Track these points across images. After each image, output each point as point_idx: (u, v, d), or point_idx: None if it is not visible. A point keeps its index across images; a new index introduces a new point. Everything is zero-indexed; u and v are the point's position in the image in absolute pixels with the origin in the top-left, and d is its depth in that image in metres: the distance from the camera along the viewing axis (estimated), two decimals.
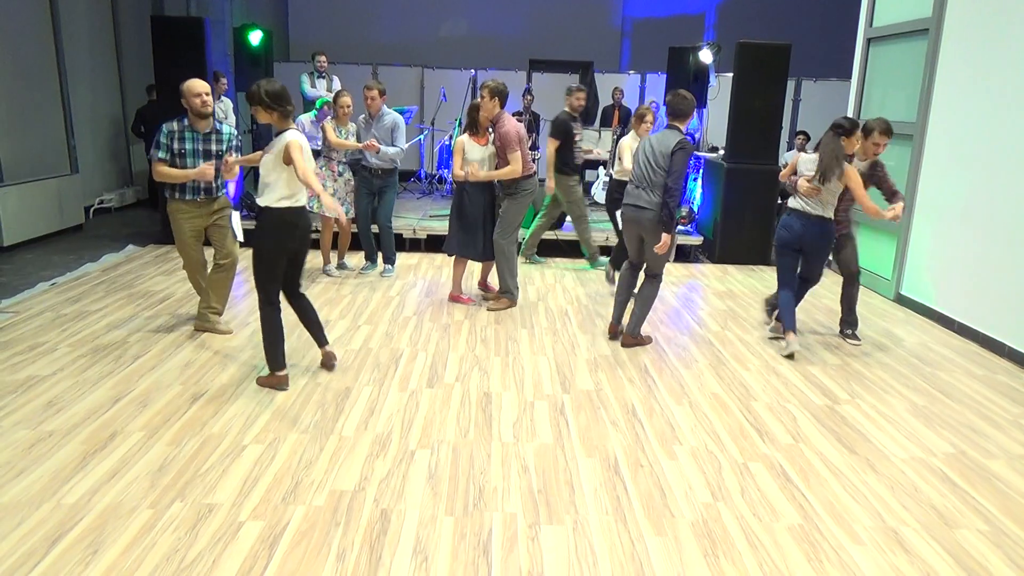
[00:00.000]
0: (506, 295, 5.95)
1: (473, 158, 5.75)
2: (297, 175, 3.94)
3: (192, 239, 4.98)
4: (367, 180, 6.66)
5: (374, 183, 6.66)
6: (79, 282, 6.29)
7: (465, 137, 5.80)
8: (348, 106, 6.52)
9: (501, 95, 5.56)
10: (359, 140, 6.58)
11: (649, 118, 6.48)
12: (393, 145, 6.57)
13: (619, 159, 6.60)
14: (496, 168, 5.74)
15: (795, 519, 3.11)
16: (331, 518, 2.97)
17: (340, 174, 6.64)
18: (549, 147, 6.92)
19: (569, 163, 7.00)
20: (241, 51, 9.43)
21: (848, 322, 5.55)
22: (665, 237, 4.86)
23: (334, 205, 4.09)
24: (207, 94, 4.78)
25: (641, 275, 5.26)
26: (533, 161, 6.43)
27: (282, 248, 4.09)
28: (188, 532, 2.84)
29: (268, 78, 4.41)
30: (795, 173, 5.11)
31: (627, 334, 5.18)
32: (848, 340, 5.48)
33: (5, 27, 7.64)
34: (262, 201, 4.02)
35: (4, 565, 2.62)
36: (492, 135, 5.76)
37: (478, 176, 5.64)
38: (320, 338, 4.48)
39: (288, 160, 3.92)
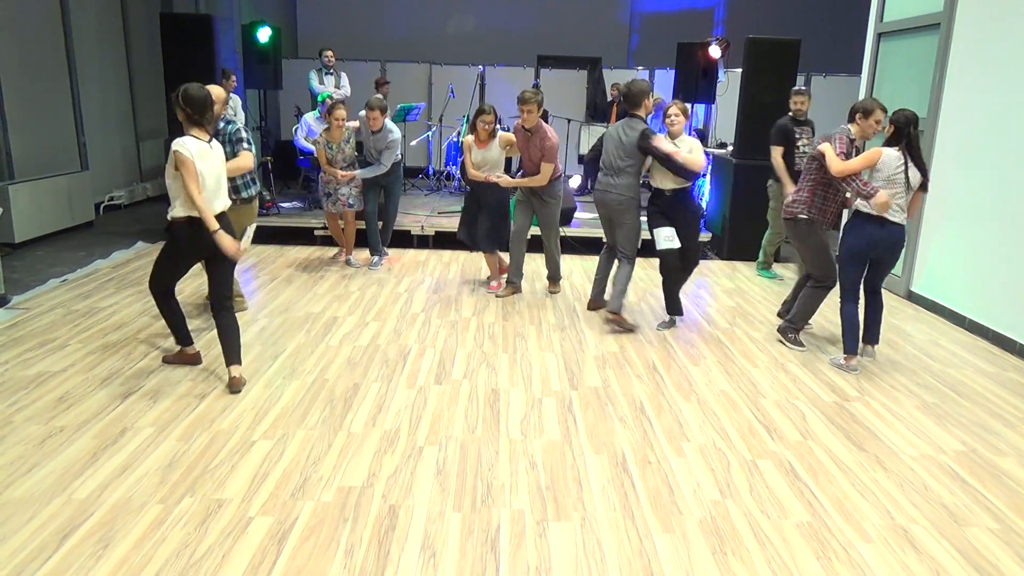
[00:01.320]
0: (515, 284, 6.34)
1: (475, 160, 5.95)
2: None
3: None
4: (374, 178, 6.75)
5: (380, 179, 6.77)
6: (89, 279, 6.32)
7: (471, 139, 6.00)
8: (342, 119, 6.51)
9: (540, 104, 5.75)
10: (361, 147, 6.74)
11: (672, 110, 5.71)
12: (379, 162, 6.69)
13: None
14: (522, 175, 6.01)
15: (804, 516, 3.10)
16: (339, 514, 2.99)
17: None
18: (774, 154, 6.55)
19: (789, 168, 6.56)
20: (250, 48, 9.44)
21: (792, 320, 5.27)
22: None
23: (227, 241, 3.97)
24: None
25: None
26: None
27: (184, 258, 4.18)
28: (198, 527, 2.86)
29: (200, 85, 4.06)
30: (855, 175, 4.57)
31: (610, 309, 5.43)
32: (789, 344, 5.22)
33: (16, 25, 7.68)
34: (169, 214, 3.98)
35: (16, 559, 2.64)
36: (494, 140, 5.98)
37: (509, 183, 5.91)
38: (230, 357, 4.17)
39: (177, 167, 3.86)
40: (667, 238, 5.26)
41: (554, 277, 6.45)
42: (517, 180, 5.93)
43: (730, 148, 8.82)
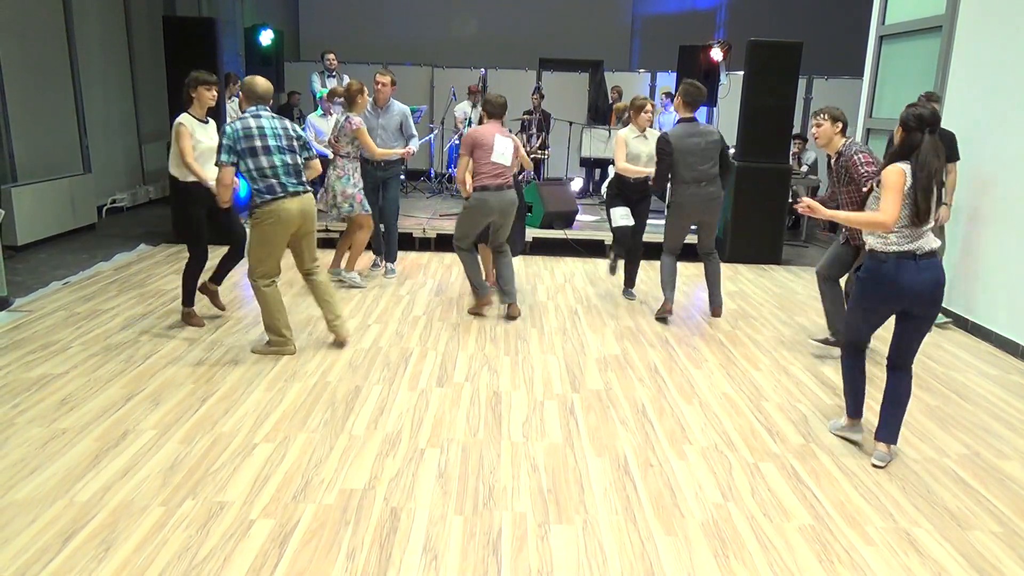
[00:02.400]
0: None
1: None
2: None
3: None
4: (370, 172, 6.31)
5: (377, 175, 6.36)
6: (92, 281, 6.33)
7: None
8: (366, 91, 6.15)
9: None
10: (369, 132, 6.21)
11: (649, 108, 5.96)
12: (411, 136, 6.45)
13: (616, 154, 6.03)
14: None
15: (806, 519, 3.10)
16: (341, 517, 2.98)
17: (356, 170, 6.19)
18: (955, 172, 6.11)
19: None
20: (252, 51, 9.47)
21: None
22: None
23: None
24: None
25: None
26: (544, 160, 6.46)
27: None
28: (199, 530, 2.86)
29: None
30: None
31: (718, 307, 5.72)
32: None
33: (19, 28, 7.70)
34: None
35: (18, 561, 2.64)
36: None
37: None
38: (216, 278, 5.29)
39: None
40: (623, 216, 5.89)
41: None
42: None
43: (732, 151, 8.82)
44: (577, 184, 10.60)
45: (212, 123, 5.14)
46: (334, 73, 9.52)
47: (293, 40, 13.99)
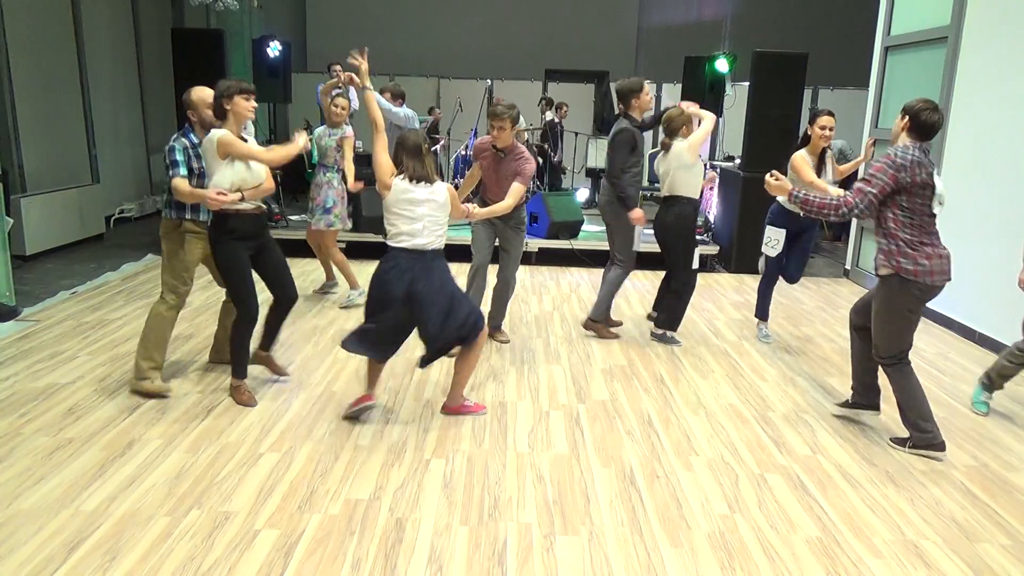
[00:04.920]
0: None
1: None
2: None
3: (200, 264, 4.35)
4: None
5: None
6: (99, 291, 6.36)
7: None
8: (344, 108, 6.13)
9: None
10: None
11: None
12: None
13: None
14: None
15: (813, 531, 3.08)
16: (346, 527, 2.98)
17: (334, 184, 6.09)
18: None
19: None
20: (259, 62, 9.53)
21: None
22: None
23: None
24: None
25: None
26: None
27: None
28: (205, 540, 2.86)
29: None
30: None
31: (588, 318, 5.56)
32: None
33: (29, 39, 7.77)
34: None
35: (24, 571, 2.64)
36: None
37: (479, 215, 4.63)
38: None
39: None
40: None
41: (498, 323, 5.39)
42: (490, 209, 4.72)
43: (738, 161, 8.82)
44: (583, 195, 10.61)
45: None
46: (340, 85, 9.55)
47: (300, 51, 14.08)
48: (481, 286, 5.21)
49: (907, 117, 3.62)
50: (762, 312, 5.74)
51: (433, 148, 5.27)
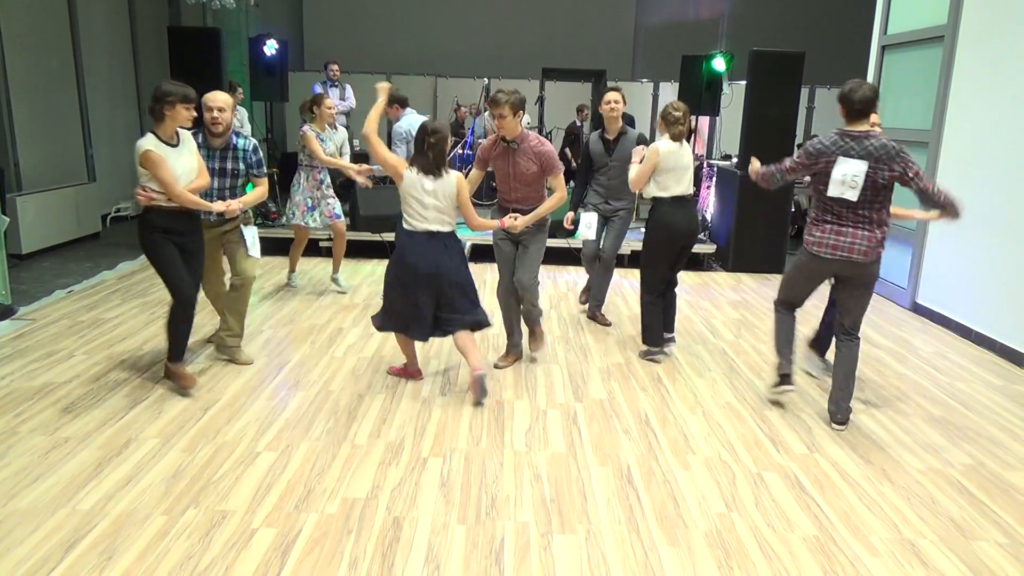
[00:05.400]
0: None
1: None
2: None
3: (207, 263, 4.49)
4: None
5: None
6: (95, 290, 6.34)
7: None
8: (331, 108, 6.12)
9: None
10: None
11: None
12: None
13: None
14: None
15: (810, 530, 3.08)
16: (343, 526, 2.98)
17: (321, 182, 6.26)
18: None
19: None
20: (256, 60, 9.51)
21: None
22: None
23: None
24: (220, 110, 4.37)
25: None
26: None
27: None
28: (201, 539, 2.85)
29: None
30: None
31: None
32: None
33: (25, 38, 7.75)
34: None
35: (20, 570, 2.63)
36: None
37: (525, 222, 4.44)
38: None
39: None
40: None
41: (535, 328, 5.00)
42: (537, 213, 4.50)
43: (734, 160, 8.83)
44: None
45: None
46: (336, 83, 9.56)
47: (297, 50, 14.05)
48: (514, 305, 4.81)
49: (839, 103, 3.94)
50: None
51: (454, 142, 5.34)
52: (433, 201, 4.07)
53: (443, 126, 4.13)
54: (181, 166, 4.02)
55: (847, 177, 3.82)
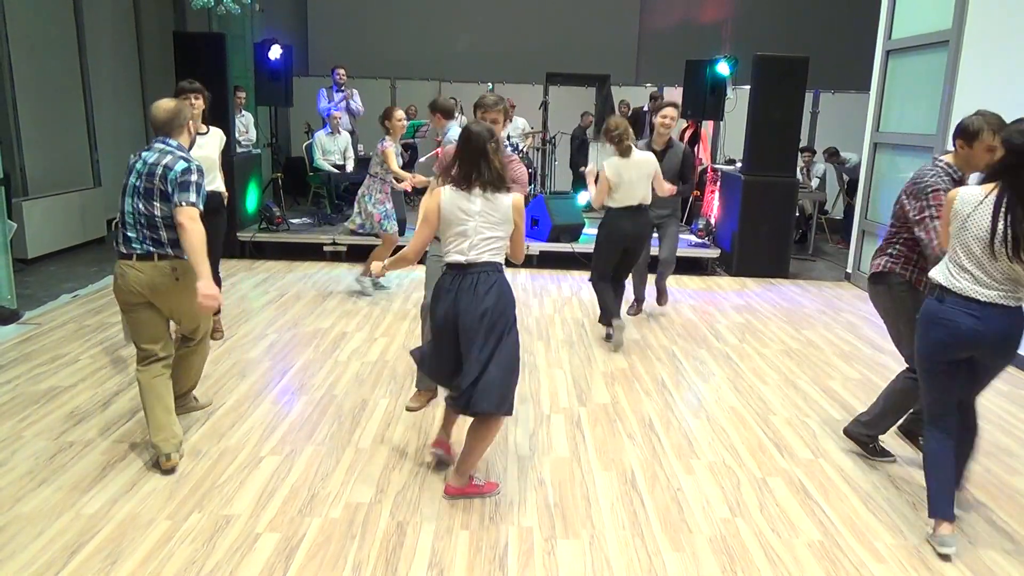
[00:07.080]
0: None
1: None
2: None
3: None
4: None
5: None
6: (101, 294, 6.36)
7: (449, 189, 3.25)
8: (401, 119, 6.19)
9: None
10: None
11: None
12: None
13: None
14: None
15: (815, 535, 3.07)
16: (347, 530, 2.97)
17: (390, 191, 6.44)
18: None
19: None
20: (261, 66, 9.54)
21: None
22: None
23: None
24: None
25: None
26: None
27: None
28: (205, 543, 2.85)
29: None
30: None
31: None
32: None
33: (32, 43, 7.79)
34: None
35: (24, 575, 2.64)
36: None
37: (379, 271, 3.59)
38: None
39: None
40: None
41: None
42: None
43: (739, 164, 8.83)
44: (585, 198, 10.62)
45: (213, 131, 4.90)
46: (342, 88, 9.57)
47: (302, 55, 14.08)
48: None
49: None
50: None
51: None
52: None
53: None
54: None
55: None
